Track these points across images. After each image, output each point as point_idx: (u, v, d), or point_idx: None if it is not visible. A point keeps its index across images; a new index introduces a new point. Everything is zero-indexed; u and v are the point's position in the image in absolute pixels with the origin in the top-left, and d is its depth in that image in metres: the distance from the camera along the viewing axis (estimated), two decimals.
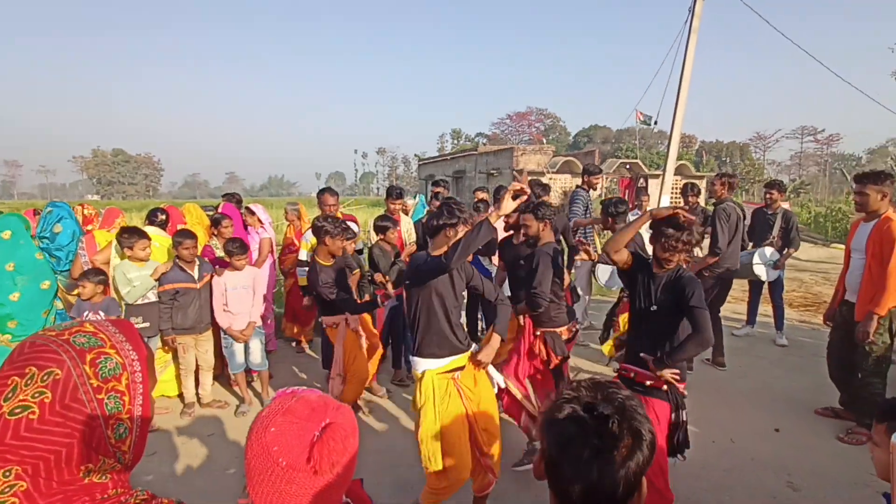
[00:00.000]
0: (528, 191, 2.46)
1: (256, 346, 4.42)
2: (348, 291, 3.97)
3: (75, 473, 0.81)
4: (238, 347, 4.34)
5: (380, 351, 4.37)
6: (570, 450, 0.85)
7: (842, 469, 3.37)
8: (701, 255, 5.29)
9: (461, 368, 2.77)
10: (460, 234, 2.64)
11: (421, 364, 2.73)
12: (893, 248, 3.47)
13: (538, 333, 3.46)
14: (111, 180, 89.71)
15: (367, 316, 4.23)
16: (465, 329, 3.25)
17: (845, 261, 4.01)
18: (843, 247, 4.19)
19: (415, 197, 8.93)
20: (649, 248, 2.85)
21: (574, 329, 3.57)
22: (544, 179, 18.44)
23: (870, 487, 3.16)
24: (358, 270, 4.25)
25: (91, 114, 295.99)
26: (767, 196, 5.89)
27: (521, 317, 3.50)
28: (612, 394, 0.89)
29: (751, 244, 5.96)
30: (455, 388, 2.72)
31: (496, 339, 2.84)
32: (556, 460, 0.87)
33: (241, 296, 4.29)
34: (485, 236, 2.41)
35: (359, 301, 4.14)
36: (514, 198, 2.43)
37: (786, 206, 6.13)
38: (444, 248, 2.62)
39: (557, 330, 3.45)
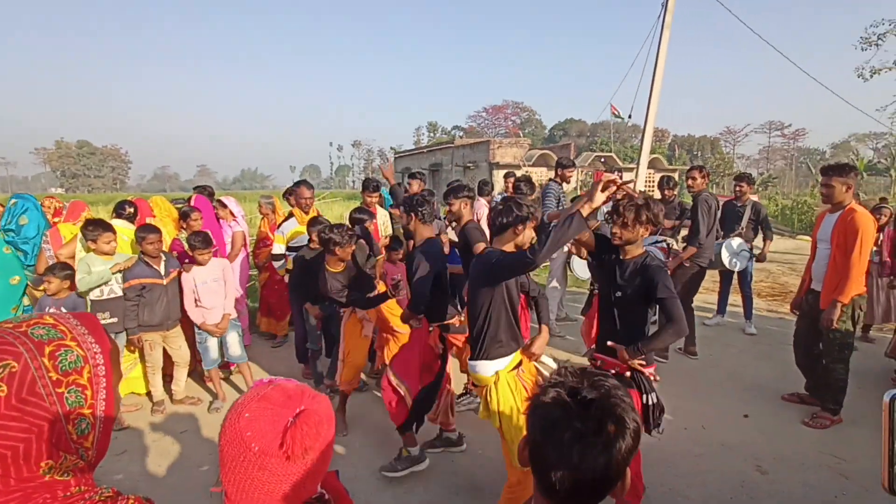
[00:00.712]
0: (619, 181, 2.28)
1: (234, 339, 4.35)
2: (360, 287, 3.93)
3: (35, 470, 0.78)
4: (213, 342, 4.26)
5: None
6: (553, 433, 0.85)
7: (807, 452, 3.48)
8: (677, 247, 5.39)
9: (521, 363, 2.69)
10: (528, 231, 2.58)
11: (491, 367, 2.58)
12: (857, 238, 3.58)
13: (431, 329, 3.41)
14: (76, 173, 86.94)
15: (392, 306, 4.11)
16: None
17: (811, 251, 4.12)
18: (808, 238, 4.31)
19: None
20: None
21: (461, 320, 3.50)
22: (520, 172, 18.52)
23: (832, 469, 3.28)
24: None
25: (54, 104, 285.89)
26: (737, 189, 6.03)
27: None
28: (599, 381, 0.90)
29: (721, 235, 6.10)
30: (521, 384, 2.62)
31: (546, 331, 2.84)
32: (539, 444, 0.88)
33: (213, 289, 4.20)
34: (577, 229, 2.25)
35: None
36: (604, 189, 2.24)
37: (754, 198, 6.29)
38: (512, 245, 2.58)
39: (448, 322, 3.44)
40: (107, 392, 0.88)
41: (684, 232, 5.49)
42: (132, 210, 4.62)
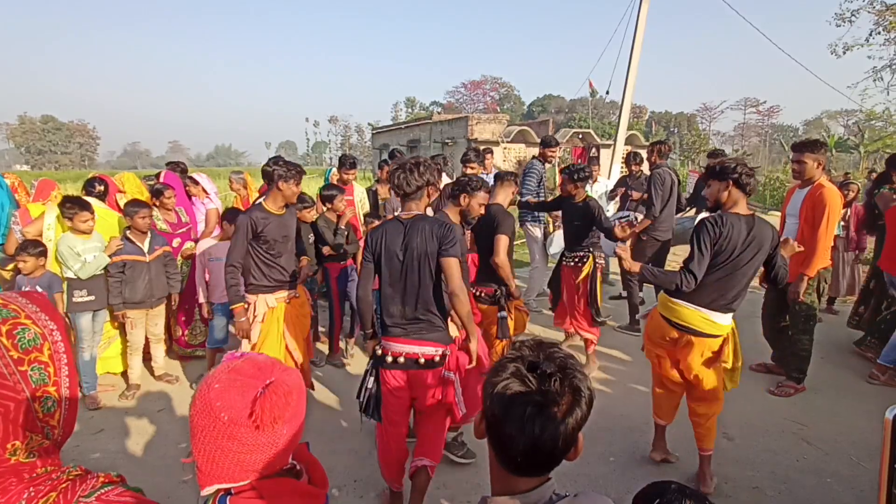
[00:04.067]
0: None
1: None
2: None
3: (1, 454, 0.77)
4: (220, 321, 4.23)
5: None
6: (514, 407, 0.88)
7: (771, 419, 3.63)
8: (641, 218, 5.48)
9: None
10: None
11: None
12: (824, 213, 3.67)
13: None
14: (41, 149, 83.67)
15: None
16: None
17: (780, 226, 4.22)
18: (779, 214, 4.41)
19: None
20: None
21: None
22: (498, 149, 18.46)
23: (795, 435, 3.43)
24: (305, 258, 3.97)
25: (16, 77, 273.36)
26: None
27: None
28: (554, 353, 0.93)
29: (693, 210, 6.21)
30: None
31: None
32: (499, 418, 0.90)
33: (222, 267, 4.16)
34: None
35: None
36: None
37: None
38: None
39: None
40: (69, 368, 0.87)
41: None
42: (102, 188, 4.49)
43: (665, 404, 3.09)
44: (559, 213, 4.88)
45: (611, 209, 6.96)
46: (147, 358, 4.34)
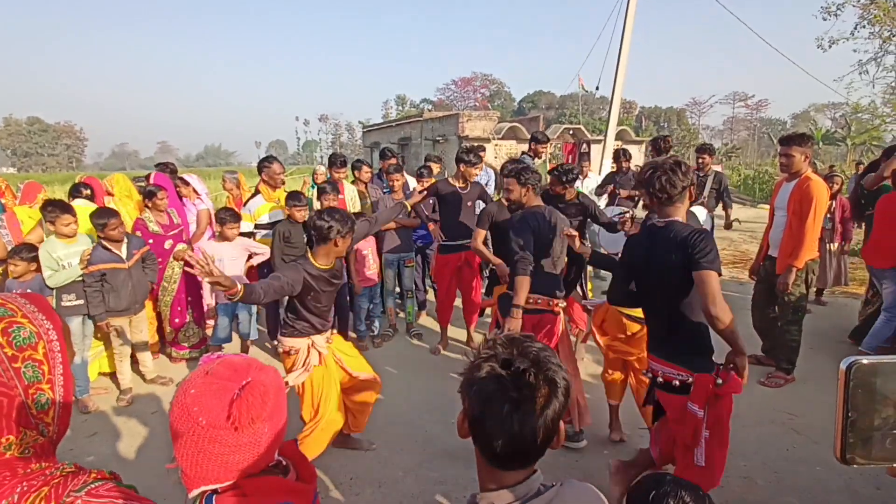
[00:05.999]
0: None
1: (245, 318, 4.61)
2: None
3: None
4: (224, 322, 4.33)
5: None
6: (492, 406, 0.90)
7: (760, 410, 3.68)
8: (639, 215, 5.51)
9: None
10: None
11: None
12: (811, 205, 3.71)
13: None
14: (28, 151, 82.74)
15: None
16: None
17: (769, 219, 4.27)
18: (768, 206, 4.46)
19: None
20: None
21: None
22: (489, 146, 18.48)
23: (785, 425, 3.48)
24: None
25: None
26: (700, 160, 6.17)
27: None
28: (527, 347, 0.94)
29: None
30: None
31: None
32: (478, 417, 0.92)
33: (228, 268, 4.16)
34: None
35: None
36: None
37: (718, 168, 6.43)
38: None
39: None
40: (63, 367, 0.88)
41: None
42: (88, 192, 4.46)
43: (616, 386, 3.34)
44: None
45: (601, 205, 7.00)
46: (136, 361, 4.30)
